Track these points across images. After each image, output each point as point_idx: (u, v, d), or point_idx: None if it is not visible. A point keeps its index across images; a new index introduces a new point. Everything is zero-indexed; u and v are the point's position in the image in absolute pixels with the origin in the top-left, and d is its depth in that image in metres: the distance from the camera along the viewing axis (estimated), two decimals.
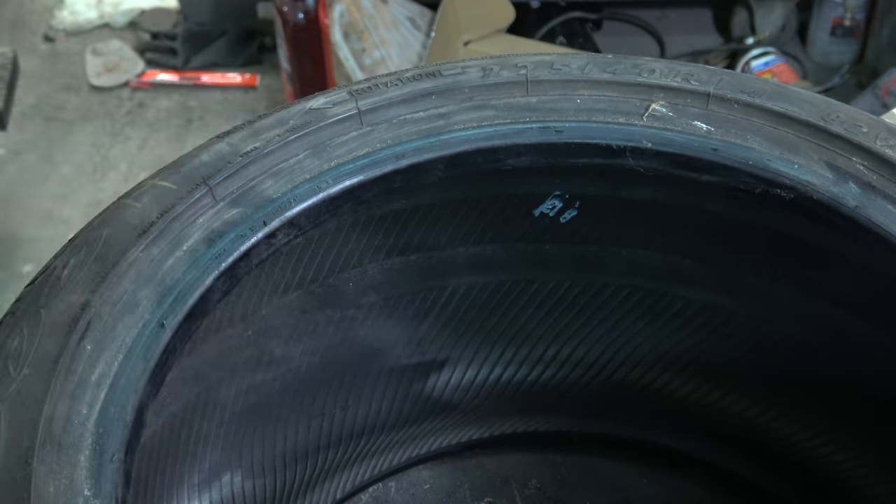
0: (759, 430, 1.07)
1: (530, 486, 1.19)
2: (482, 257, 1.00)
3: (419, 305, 1.02)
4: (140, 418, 0.71)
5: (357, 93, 0.84)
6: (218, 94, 3.08)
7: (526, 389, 1.11)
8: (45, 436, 0.67)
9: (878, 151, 0.79)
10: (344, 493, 1.14)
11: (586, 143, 0.83)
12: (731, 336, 1.02)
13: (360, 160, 0.81)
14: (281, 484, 1.05)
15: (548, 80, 0.85)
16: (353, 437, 1.08)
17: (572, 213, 0.94)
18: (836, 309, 0.93)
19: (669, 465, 1.18)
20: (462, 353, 1.08)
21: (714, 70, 0.86)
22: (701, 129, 0.82)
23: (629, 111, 0.83)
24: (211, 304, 0.76)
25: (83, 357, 0.70)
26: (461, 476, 1.19)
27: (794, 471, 1.08)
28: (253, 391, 0.98)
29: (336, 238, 0.91)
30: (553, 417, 1.17)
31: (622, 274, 1.00)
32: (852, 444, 1.01)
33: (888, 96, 2.34)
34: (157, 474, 0.91)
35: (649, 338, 1.05)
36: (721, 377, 1.06)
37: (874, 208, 0.78)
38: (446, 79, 0.86)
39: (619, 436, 1.17)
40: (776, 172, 0.80)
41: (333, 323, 0.99)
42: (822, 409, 1.02)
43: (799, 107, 0.82)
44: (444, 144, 0.82)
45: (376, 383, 1.06)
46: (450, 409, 1.12)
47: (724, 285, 0.98)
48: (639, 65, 0.86)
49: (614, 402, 1.12)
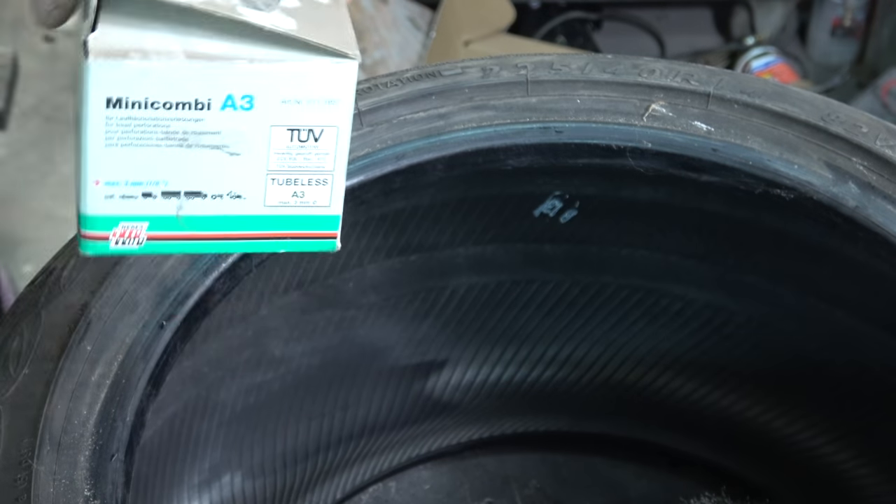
0: (759, 430, 1.07)
1: (530, 486, 1.19)
2: (482, 257, 1.00)
3: (419, 305, 1.02)
4: (140, 418, 0.71)
5: (357, 93, 0.84)
6: None
7: (526, 389, 1.11)
8: (45, 436, 0.67)
9: (878, 151, 0.79)
10: (344, 493, 1.14)
11: (586, 144, 0.83)
12: (731, 336, 1.02)
13: (360, 160, 0.81)
14: (281, 484, 1.05)
15: (548, 80, 0.85)
16: (353, 437, 1.08)
17: (572, 213, 0.94)
18: (835, 309, 0.93)
19: (669, 465, 1.18)
20: (462, 353, 1.08)
21: (714, 70, 0.86)
22: (701, 129, 0.82)
23: (629, 111, 0.83)
24: (211, 305, 0.76)
25: (83, 357, 0.70)
26: (461, 476, 1.19)
27: (794, 471, 1.08)
28: (253, 391, 0.98)
29: None
30: (553, 417, 1.17)
31: (622, 274, 1.00)
32: (852, 444, 1.02)
33: (888, 96, 2.34)
34: (157, 474, 0.91)
35: (649, 338, 1.05)
36: (721, 377, 1.06)
37: (874, 208, 0.78)
38: (446, 79, 0.86)
39: (619, 436, 1.17)
40: (776, 173, 0.80)
41: (333, 323, 0.99)
42: (822, 409, 1.02)
43: (799, 107, 0.82)
44: (444, 145, 0.82)
45: (376, 383, 1.06)
46: (450, 409, 1.12)
47: (724, 285, 0.98)
48: (639, 65, 0.86)
49: (615, 402, 1.12)
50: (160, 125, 0.54)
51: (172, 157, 0.55)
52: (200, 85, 0.54)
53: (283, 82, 0.55)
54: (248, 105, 0.55)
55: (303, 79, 0.55)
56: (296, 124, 0.56)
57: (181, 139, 0.55)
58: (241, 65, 0.54)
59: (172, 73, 0.53)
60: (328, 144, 0.58)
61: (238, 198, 0.57)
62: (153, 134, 0.54)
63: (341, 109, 0.57)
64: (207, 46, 0.54)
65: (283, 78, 0.55)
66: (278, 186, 0.58)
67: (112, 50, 0.53)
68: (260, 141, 0.56)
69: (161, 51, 0.53)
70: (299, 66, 0.55)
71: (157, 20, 0.54)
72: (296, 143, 0.57)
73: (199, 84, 0.54)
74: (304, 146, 0.57)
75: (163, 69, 0.53)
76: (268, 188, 0.58)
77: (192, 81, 0.54)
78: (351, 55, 0.56)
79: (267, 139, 0.56)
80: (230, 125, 0.55)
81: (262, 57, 0.55)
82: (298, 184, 0.58)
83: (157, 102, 0.53)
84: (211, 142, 0.55)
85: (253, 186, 0.57)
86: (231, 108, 0.55)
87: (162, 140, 0.55)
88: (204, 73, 0.54)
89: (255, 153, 0.56)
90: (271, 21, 0.55)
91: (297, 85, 0.55)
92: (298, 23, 0.56)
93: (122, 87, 0.53)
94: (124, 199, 0.56)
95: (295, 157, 0.57)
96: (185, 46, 0.54)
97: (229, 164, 0.56)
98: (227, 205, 0.57)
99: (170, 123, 0.54)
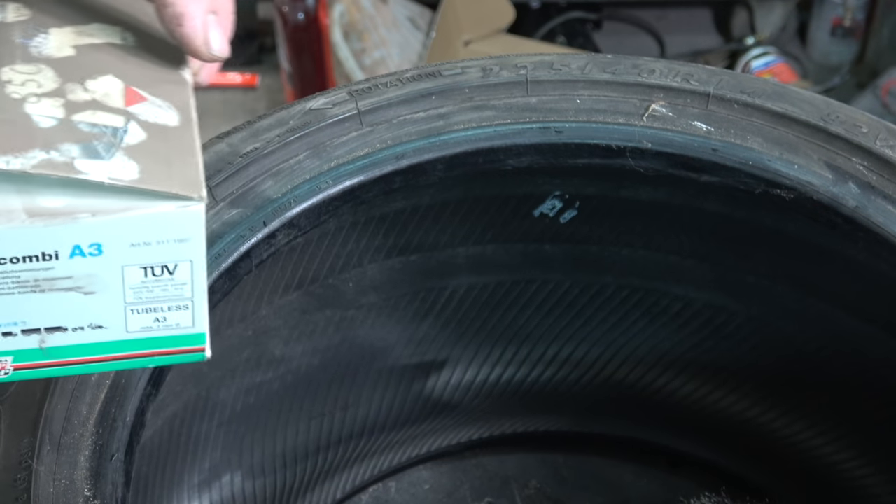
0: (759, 430, 1.07)
1: (530, 486, 1.19)
2: (482, 257, 1.00)
3: (419, 305, 1.02)
4: (140, 418, 0.71)
5: (357, 93, 0.84)
6: (217, 94, 3.08)
7: (526, 389, 1.11)
8: (45, 436, 0.67)
9: (878, 151, 0.79)
10: (344, 493, 1.14)
11: (586, 144, 0.83)
12: (731, 336, 1.02)
13: (359, 160, 0.81)
14: (281, 484, 1.05)
15: (548, 80, 0.85)
16: (353, 437, 1.08)
17: (572, 213, 0.94)
18: (835, 309, 0.93)
19: (669, 465, 1.18)
20: (462, 353, 1.08)
21: (714, 70, 0.86)
22: (701, 129, 0.82)
23: (629, 111, 0.83)
24: (211, 304, 0.76)
25: None
26: (461, 476, 1.19)
27: (794, 471, 1.08)
28: (253, 391, 0.98)
29: (336, 238, 0.91)
30: (553, 417, 1.17)
31: (622, 274, 1.00)
32: (853, 444, 1.02)
33: (888, 96, 2.34)
34: (157, 474, 0.91)
35: (649, 338, 1.05)
36: (721, 377, 1.06)
37: (874, 208, 0.78)
38: (446, 79, 0.86)
39: (618, 436, 1.17)
40: (776, 172, 0.80)
41: (333, 323, 0.99)
42: (823, 409, 1.02)
43: (799, 107, 0.82)
44: (444, 145, 0.82)
45: (376, 383, 1.06)
46: (450, 409, 1.12)
47: (724, 285, 0.98)
48: (639, 65, 0.86)
49: (614, 402, 1.12)
50: (10, 276, 0.54)
51: (27, 301, 0.55)
52: (45, 240, 0.53)
53: (129, 229, 0.54)
54: (97, 251, 0.54)
55: (149, 224, 0.54)
56: (148, 263, 0.56)
57: (33, 286, 0.55)
58: (84, 219, 0.53)
59: (14, 233, 0.53)
60: (184, 275, 0.57)
61: (100, 328, 0.57)
62: (4, 284, 0.54)
63: (193, 245, 0.56)
64: (49, 202, 0.53)
65: (128, 225, 0.54)
66: (138, 315, 0.58)
67: None
68: (113, 280, 0.56)
69: (3, 210, 0.52)
70: (143, 213, 0.54)
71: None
72: (150, 278, 0.56)
73: (43, 240, 0.53)
74: (160, 279, 0.57)
75: (3, 230, 0.52)
76: (128, 318, 0.57)
77: (35, 238, 0.53)
78: (196, 197, 0.55)
79: (120, 278, 0.56)
80: (81, 270, 0.55)
81: (105, 208, 0.53)
82: (159, 311, 0.58)
83: (2, 259, 0.53)
84: (64, 285, 0.55)
85: (113, 317, 0.57)
86: (80, 255, 0.54)
87: (14, 288, 0.54)
88: (46, 230, 0.53)
89: (110, 290, 0.56)
90: (110, 172, 0.53)
91: (144, 230, 0.54)
92: (141, 165, 0.54)
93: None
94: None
95: (152, 290, 0.57)
96: (27, 204, 0.53)
97: (86, 302, 0.56)
98: (89, 335, 0.57)
99: (20, 274, 0.54)
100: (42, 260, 0.54)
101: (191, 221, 0.55)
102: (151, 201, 0.54)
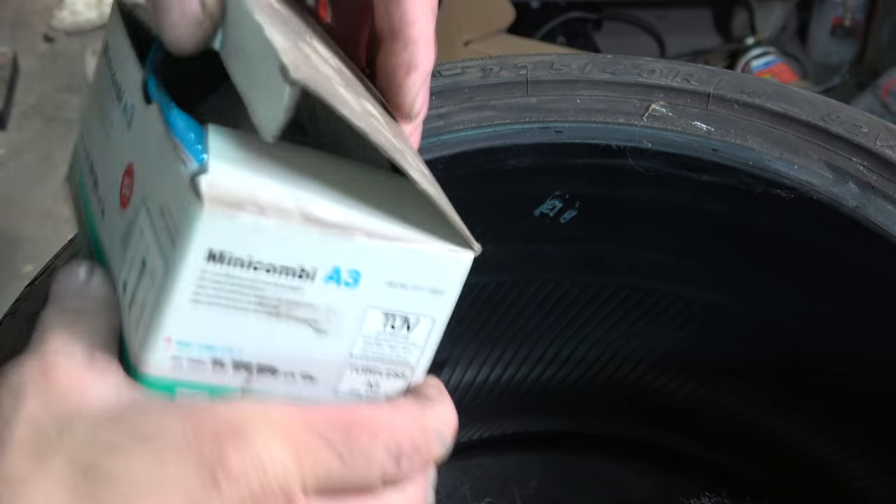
0: (759, 430, 1.07)
1: (530, 486, 1.19)
2: (482, 257, 0.99)
3: None
4: None
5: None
6: None
7: (526, 389, 1.11)
8: None
9: (878, 151, 0.79)
10: None
11: (586, 144, 0.83)
12: (731, 336, 1.02)
13: None
14: None
15: (548, 80, 0.85)
16: None
17: (572, 213, 0.94)
18: (836, 309, 0.93)
19: (669, 465, 1.18)
20: (462, 353, 1.08)
21: (714, 70, 0.86)
22: (701, 129, 0.82)
23: (629, 111, 0.83)
24: None
25: None
26: (461, 476, 1.19)
27: (794, 471, 1.08)
28: None
29: None
30: (553, 417, 1.17)
31: (622, 274, 1.00)
32: (852, 444, 1.02)
33: (888, 96, 2.34)
34: None
35: (649, 338, 1.05)
36: (721, 377, 1.06)
37: (874, 208, 0.78)
38: (446, 79, 0.86)
39: (618, 436, 1.17)
40: (776, 173, 0.80)
41: None
42: (823, 409, 1.02)
43: (799, 107, 0.82)
44: (444, 144, 0.82)
45: None
46: None
47: (724, 285, 0.98)
48: (639, 65, 0.86)
49: (614, 402, 1.12)
50: (256, 289, 0.47)
51: (257, 325, 0.48)
52: (311, 253, 0.47)
53: (395, 262, 0.48)
54: (352, 281, 0.48)
55: (416, 262, 0.49)
56: (393, 309, 0.50)
57: (272, 307, 0.47)
58: (358, 238, 0.47)
59: (286, 235, 0.46)
60: (420, 336, 0.52)
61: (310, 379, 0.50)
62: (245, 297, 0.47)
63: (444, 301, 0.51)
64: (322, 209, 0.47)
65: (397, 257, 0.48)
66: (355, 374, 0.51)
67: (228, 199, 0.44)
68: (352, 322, 0.49)
69: (277, 207, 0.46)
70: (417, 247, 0.49)
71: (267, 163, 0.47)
72: (387, 330, 0.51)
73: (310, 252, 0.46)
74: (395, 334, 0.51)
75: (277, 229, 0.45)
76: (344, 374, 0.51)
77: (302, 247, 0.46)
78: (474, 247, 0.51)
79: (360, 321, 0.49)
80: (327, 300, 0.48)
81: (382, 232, 0.48)
82: (375, 373, 0.52)
83: (259, 264, 0.46)
84: (302, 315, 0.48)
85: (329, 369, 0.51)
86: (335, 282, 0.48)
87: (251, 304, 0.47)
88: (318, 240, 0.46)
89: (342, 335, 0.50)
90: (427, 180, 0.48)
91: (408, 267, 0.49)
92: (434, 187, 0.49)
93: (229, 241, 0.45)
94: (192, 364, 0.47)
95: (381, 345, 0.51)
96: (300, 205, 0.46)
97: (312, 342, 0.49)
98: (296, 386, 0.50)
99: (266, 288, 0.47)
100: (297, 277, 0.47)
101: (455, 271, 0.51)
102: (425, 237, 0.49)
